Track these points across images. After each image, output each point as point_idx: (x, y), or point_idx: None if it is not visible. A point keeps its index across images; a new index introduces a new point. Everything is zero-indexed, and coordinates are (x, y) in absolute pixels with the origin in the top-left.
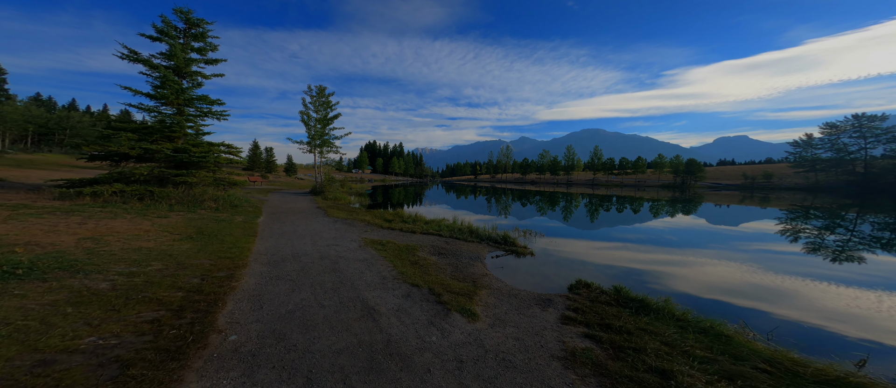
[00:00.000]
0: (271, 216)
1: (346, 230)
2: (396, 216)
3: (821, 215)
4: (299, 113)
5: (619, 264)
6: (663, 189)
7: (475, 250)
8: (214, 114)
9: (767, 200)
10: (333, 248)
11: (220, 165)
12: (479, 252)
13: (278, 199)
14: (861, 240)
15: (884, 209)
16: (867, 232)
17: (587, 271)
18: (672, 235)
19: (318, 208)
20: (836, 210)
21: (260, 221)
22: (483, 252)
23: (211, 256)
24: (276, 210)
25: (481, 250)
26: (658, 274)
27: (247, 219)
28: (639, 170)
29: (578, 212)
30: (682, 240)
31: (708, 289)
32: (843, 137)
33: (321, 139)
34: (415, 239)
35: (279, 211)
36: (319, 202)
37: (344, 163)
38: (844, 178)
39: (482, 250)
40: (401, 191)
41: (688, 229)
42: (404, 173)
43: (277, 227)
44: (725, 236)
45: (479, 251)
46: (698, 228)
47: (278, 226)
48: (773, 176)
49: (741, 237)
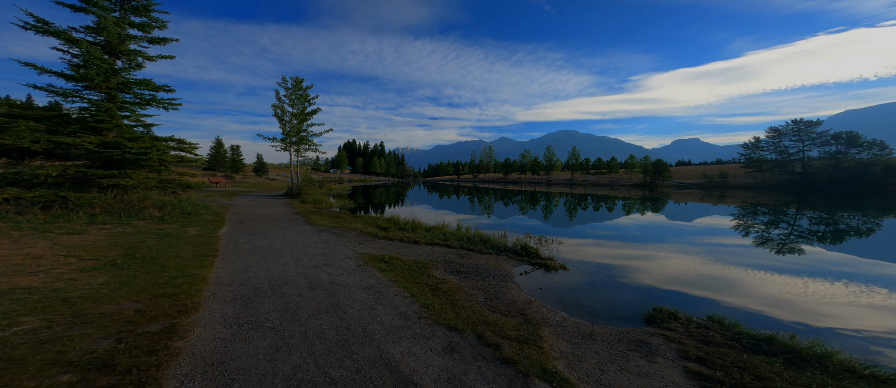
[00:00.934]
0: (238, 226)
1: (335, 243)
2: (391, 223)
3: (766, 211)
4: (272, 107)
5: (660, 274)
6: (634, 188)
7: (496, 264)
8: (161, 102)
9: (723, 197)
10: (325, 270)
11: (168, 163)
12: (502, 267)
13: (247, 203)
14: (794, 233)
15: (817, 206)
16: (805, 226)
17: (639, 288)
18: (689, 235)
19: (296, 213)
20: (778, 207)
21: (222, 233)
22: (507, 267)
23: (140, 293)
24: (243, 218)
25: (504, 265)
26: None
27: (203, 231)
28: (613, 170)
29: (576, 212)
30: (687, 239)
31: (676, 281)
32: (784, 140)
33: (298, 136)
34: (421, 252)
35: (248, 219)
36: (297, 207)
37: (321, 162)
38: (786, 177)
39: (505, 265)
40: (384, 192)
41: (683, 228)
42: (386, 173)
43: (246, 241)
44: (709, 232)
45: (502, 266)
46: (702, 228)
47: (247, 239)
48: (727, 175)
49: (706, 232)
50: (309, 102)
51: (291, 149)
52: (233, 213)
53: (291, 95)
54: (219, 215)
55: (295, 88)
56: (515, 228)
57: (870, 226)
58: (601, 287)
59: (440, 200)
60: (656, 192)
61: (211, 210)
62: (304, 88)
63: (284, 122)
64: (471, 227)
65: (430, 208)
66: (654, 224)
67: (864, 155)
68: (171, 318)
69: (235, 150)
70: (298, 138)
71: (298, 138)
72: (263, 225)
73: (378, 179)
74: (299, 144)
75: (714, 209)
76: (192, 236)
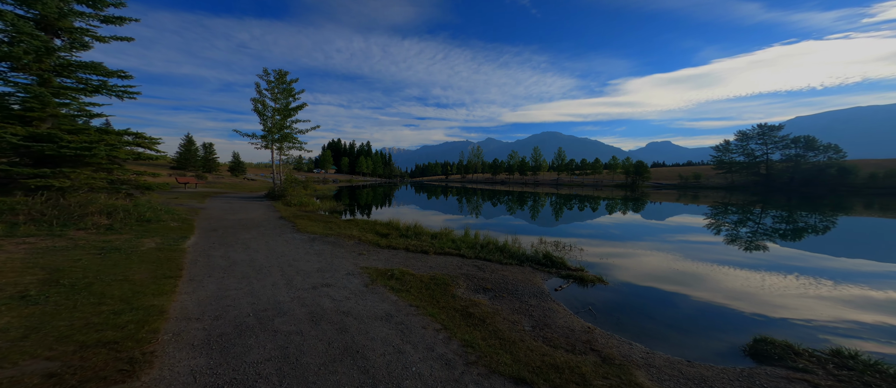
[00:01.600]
0: (210, 235)
1: (332, 254)
2: (392, 229)
3: (734, 210)
4: (252, 101)
5: (704, 286)
6: (617, 188)
7: (524, 278)
8: (113, 90)
9: (697, 197)
10: (326, 292)
11: (122, 161)
12: (531, 282)
13: (222, 206)
14: (759, 231)
15: (778, 205)
16: (768, 224)
17: (693, 303)
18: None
19: (281, 218)
20: (744, 207)
21: (190, 244)
22: (537, 282)
23: (60, 342)
24: (218, 224)
25: (532, 279)
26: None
27: (165, 243)
28: (596, 171)
29: (575, 213)
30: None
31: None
32: (751, 143)
33: (281, 133)
34: (433, 264)
35: (223, 225)
36: (281, 210)
37: (304, 162)
38: (752, 178)
39: (534, 279)
40: (372, 192)
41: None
42: (372, 174)
43: (221, 254)
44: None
45: (532, 280)
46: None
47: (223, 252)
48: (701, 177)
49: (686, 230)
50: (293, 96)
51: (273, 147)
52: (204, 218)
53: (274, 89)
54: (187, 221)
55: (278, 81)
56: (522, 230)
57: (823, 224)
58: (654, 305)
59: (433, 201)
60: (637, 192)
61: (177, 215)
62: (289, 81)
63: (266, 117)
64: (480, 233)
65: (425, 210)
66: (649, 225)
67: (819, 158)
68: (107, 385)
69: (208, 148)
70: (281, 135)
71: (281, 135)
72: (243, 233)
73: (364, 180)
74: (282, 142)
75: (697, 209)
76: (150, 250)
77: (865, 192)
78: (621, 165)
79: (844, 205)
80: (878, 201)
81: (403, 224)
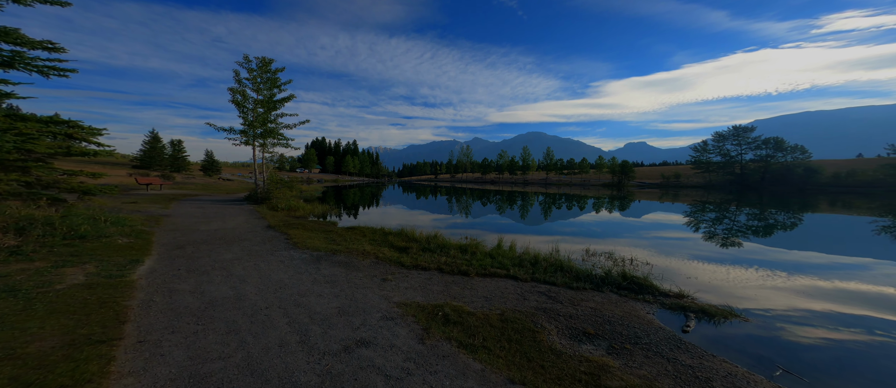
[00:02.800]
0: (175, 256)
1: (349, 282)
2: (409, 239)
3: (712, 208)
4: (230, 91)
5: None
6: (604, 187)
7: (620, 311)
8: (33, 65)
9: (678, 196)
10: (368, 359)
11: (45, 157)
12: (638, 317)
13: (192, 212)
14: (734, 228)
15: (750, 203)
16: (742, 222)
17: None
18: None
19: (269, 227)
20: (722, 205)
21: (142, 272)
22: (643, 316)
23: None
24: (186, 238)
25: (634, 312)
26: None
27: (102, 272)
28: (584, 170)
29: (593, 215)
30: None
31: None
32: (726, 144)
33: (264, 127)
34: (485, 291)
35: (194, 239)
36: (268, 216)
37: (287, 160)
38: (729, 177)
39: (636, 311)
40: (360, 193)
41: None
42: (359, 173)
43: (191, 287)
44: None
45: (635, 314)
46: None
47: (193, 284)
48: (681, 176)
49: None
50: (279, 87)
51: (255, 144)
52: (169, 229)
53: (256, 79)
54: (143, 235)
55: (261, 70)
56: (544, 231)
57: (789, 220)
58: (850, 354)
59: (430, 201)
60: (623, 191)
61: (129, 227)
62: (274, 70)
63: (246, 110)
64: (513, 242)
65: (427, 213)
66: (679, 223)
67: (787, 158)
68: None
69: (177, 145)
70: (265, 130)
71: (265, 130)
72: (222, 251)
73: (351, 180)
74: (266, 138)
75: (698, 208)
76: (74, 287)
77: (829, 190)
78: (608, 166)
79: (811, 203)
80: (841, 199)
81: (420, 233)
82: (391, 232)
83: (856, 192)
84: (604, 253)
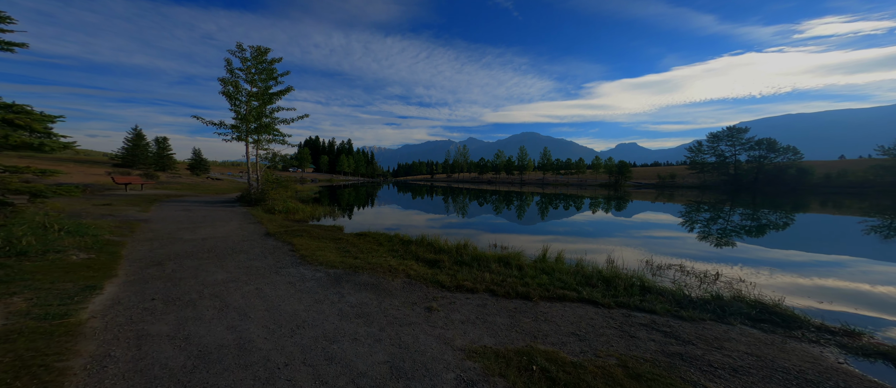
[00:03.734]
0: (149, 278)
1: (387, 317)
2: (436, 251)
3: (707, 208)
4: (221, 82)
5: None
6: (601, 188)
7: (799, 359)
8: None
9: (673, 196)
10: None
11: None
12: (830, 366)
13: (176, 216)
14: (727, 228)
15: (743, 204)
16: (736, 222)
17: None
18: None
19: (267, 235)
20: (716, 205)
21: (100, 305)
22: (831, 363)
23: None
24: (165, 253)
25: (818, 359)
26: None
27: (38, 307)
28: (581, 170)
29: (617, 218)
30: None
31: None
32: (721, 144)
33: (258, 123)
34: (569, 325)
35: (176, 253)
36: (265, 221)
37: (278, 159)
38: (723, 178)
39: (819, 358)
40: (357, 193)
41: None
42: (354, 173)
43: (171, 329)
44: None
45: (827, 364)
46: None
47: (173, 324)
48: (676, 176)
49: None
50: (275, 79)
51: (248, 139)
52: (144, 239)
53: (250, 69)
54: (108, 247)
55: (256, 60)
56: (571, 232)
57: (780, 220)
58: None
59: (434, 202)
60: (620, 191)
61: (92, 237)
62: (270, 60)
63: (239, 102)
64: (560, 252)
65: (432, 213)
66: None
67: (780, 159)
68: None
69: (162, 142)
70: (259, 125)
71: (259, 125)
72: (212, 269)
73: (346, 179)
74: (260, 134)
75: (711, 208)
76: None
77: (821, 190)
78: (604, 166)
79: (804, 204)
80: (832, 200)
81: (447, 242)
82: (412, 241)
83: (846, 192)
84: (674, 266)
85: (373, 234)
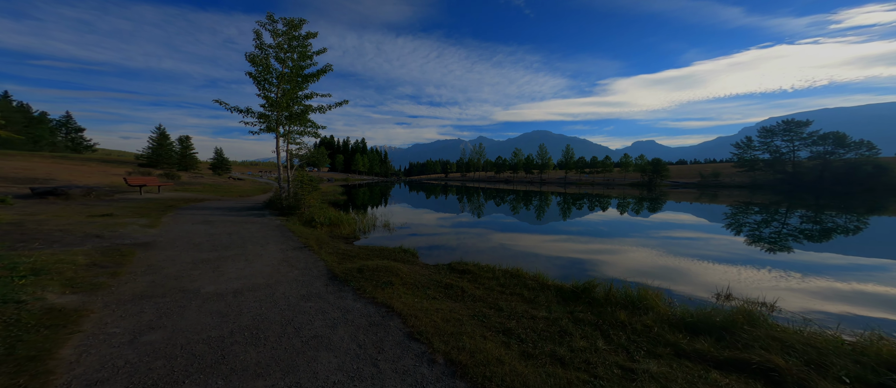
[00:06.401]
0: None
1: None
2: (627, 301)
3: (757, 209)
4: (249, 61)
5: None
6: (631, 187)
7: None
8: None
9: (717, 196)
10: None
11: None
12: None
13: (191, 236)
14: (789, 233)
15: (805, 205)
16: (796, 225)
17: None
18: None
19: (333, 279)
20: (769, 206)
21: None
22: None
23: None
24: (160, 353)
25: None
26: None
27: None
28: (607, 169)
29: (666, 219)
30: None
31: None
32: (776, 140)
33: (290, 111)
34: None
35: (183, 352)
36: (312, 244)
37: (309, 156)
38: (779, 176)
39: None
40: (367, 191)
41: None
42: (368, 172)
43: None
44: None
45: None
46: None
47: None
48: (720, 175)
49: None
50: (310, 58)
51: (279, 130)
52: (126, 298)
53: (282, 44)
54: (37, 335)
55: (288, 32)
56: (661, 246)
57: (849, 224)
58: None
59: (463, 201)
60: (655, 191)
61: (15, 303)
62: (303, 35)
63: (270, 86)
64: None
65: (466, 215)
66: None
67: (850, 155)
68: None
69: (185, 142)
70: (291, 115)
71: (291, 115)
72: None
73: (361, 178)
74: (290, 124)
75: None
76: None
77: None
78: (634, 164)
79: (879, 204)
80: None
81: (660, 303)
82: (578, 287)
83: None
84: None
85: (482, 267)
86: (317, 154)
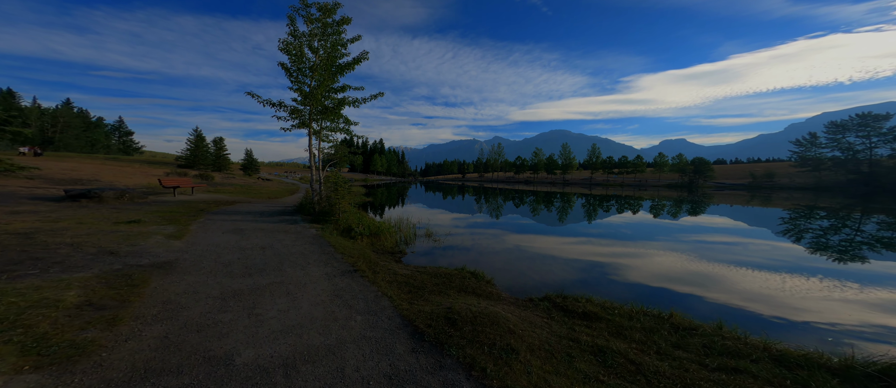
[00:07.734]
0: None
1: None
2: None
3: (823, 214)
4: (282, 50)
5: None
6: (668, 189)
7: None
8: None
9: (770, 199)
10: None
11: None
12: None
13: (220, 251)
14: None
15: (887, 210)
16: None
17: None
18: None
19: (415, 334)
20: (838, 211)
21: None
22: None
23: None
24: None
25: None
26: None
27: None
28: (638, 169)
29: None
30: None
31: None
32: (848, 136)
33: (323, 105)
34: None
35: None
36: (361, 265)
37: (343, 156)
38: (851, 177)
39: None
40: (384, 192)
41: None
42: (386, 172)
43: None
44: None
45: None
46: None
47: None
48: (775, 175)
49: None
50: (344, 46)
51: (311, 125)
52: (124, 367)
53: (315, 31)
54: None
55: (322, 18)
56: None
57: None
58: None
59: (494, 204)
60: (697, 193)
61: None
62: (338, 20)
63: (303, 75)
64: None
65: (502, 216)
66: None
67: None
68: None
69: (219, 143)
70: (324, 109)
71: (324, 109)
72: None
73: (379, 179)
74: (322, 119)
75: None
76: None
77: None
78: (669, 164)
79: None
80: None
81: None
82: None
83: None
84: None
85: (607, 309)
86: (344, 153)
